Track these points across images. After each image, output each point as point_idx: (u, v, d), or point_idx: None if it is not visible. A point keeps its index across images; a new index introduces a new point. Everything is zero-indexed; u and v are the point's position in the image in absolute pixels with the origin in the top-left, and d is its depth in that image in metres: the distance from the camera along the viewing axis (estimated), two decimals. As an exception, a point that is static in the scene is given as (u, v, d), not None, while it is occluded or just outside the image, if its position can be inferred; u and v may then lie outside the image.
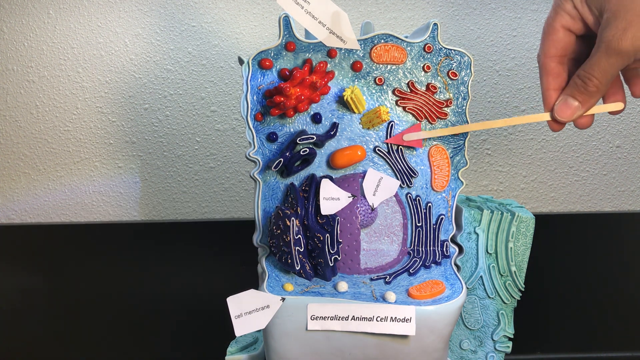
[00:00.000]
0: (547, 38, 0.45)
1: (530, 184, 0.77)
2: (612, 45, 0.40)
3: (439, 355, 0.47)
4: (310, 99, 0.47)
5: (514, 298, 0.52)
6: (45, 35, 0.72)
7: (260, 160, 0.48)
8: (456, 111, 0.49)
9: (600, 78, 0.41)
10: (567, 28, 0.44)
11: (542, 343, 0.76)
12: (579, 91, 0.43)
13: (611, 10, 0.40)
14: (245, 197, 0.77)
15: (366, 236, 0.49)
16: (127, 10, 0.72)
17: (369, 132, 0.48)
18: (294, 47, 0.46)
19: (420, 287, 0.47)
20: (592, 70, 0.41)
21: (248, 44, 0.73)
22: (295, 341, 0.46)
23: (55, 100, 0.73)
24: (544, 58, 0.45)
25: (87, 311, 0.75)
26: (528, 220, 0.50)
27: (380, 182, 0.48)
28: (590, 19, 0.43)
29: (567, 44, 0.45)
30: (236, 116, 0.74)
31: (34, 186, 0.76)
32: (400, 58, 0.47)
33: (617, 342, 0.76)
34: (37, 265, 0.74)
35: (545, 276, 0.73)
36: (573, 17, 0.44)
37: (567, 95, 0.44)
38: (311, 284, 0.47)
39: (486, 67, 0.74)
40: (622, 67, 0.41)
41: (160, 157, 0.75)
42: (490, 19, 0.73)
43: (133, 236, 0.74)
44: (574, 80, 0.43)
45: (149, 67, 0.73)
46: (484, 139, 0.75)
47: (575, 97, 0.43)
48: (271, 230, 0.47)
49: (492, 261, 0.51)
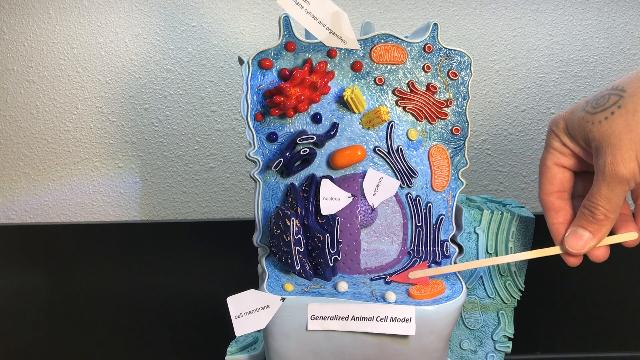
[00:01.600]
0: (542, 176, 0.45)
1: (530, 184, 0.77)
2: (607, 172, 0.39)
3: (439, 355, 0.47)
4: (310, 99, 0.47)
5: (514, 298, 0.52)
6: (45, 35, 0.72)
7: (260, 160, 0.48)
8: (456, 111, 0.49)
9: (605, 206, 0.41)
10: (560, 165, 0.45)
11: (542, 343, 0.76)
12: (588, 221, 0.42)
13: (596, 140, 0.40)
14: (245, 197, 0.77)
15: (366, 236, 0.49)
16: (127, 10, 0.72)
17: (369, 132, 0.48)
18: (294, 47, 0.46)
19: (420, 287, 0.47)
20: (596, 199, 0.41)
21: (248, 44, 0.73)
22: (295, 341, 0.46)
23: (55, 100, 0.73)
24: (542, 195, 0.45)
25: (87, 311, 0.75)
26: (528, 220, 0.50)
27: (380, 182, 0.48)
28: (581, 152, 0.43)
29: (563, 180, 0.45)
30: (236, 116, 0.74)
31: (34, 186, 0.76)
32: (400, 58, 0.47)
33: (617, 342, 0.76)
34: (37, 266, 0.73)
35: (545, 276, 0.73)
36: (564, 153, 0.44)
37: (577, 227, 0.43)
38: (311, 284, 0.47)
39: (486, 67, 0.74)
40: (626, 193, 0.41)
41: (160, 157, 0.75)
42: (490, 19, 0.73)
43: (133, 236, 0.74)
44: (581, 211, 0.43)
45: (149, 67, 0.73)
46: (484, 139, 0.75)
47: (585, 227, 0.42)
48: (271, 230, 0.47)
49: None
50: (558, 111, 0.75)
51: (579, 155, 0.44)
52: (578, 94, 0.75)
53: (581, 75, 0.75)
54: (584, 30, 0.74)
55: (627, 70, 0.75)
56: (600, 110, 0.40)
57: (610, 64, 0.74)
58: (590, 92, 0.75)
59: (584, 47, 0.74)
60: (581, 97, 0.75)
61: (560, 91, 0.75)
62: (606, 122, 0.39)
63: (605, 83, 0.75)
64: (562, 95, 0.75)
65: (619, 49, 0.74)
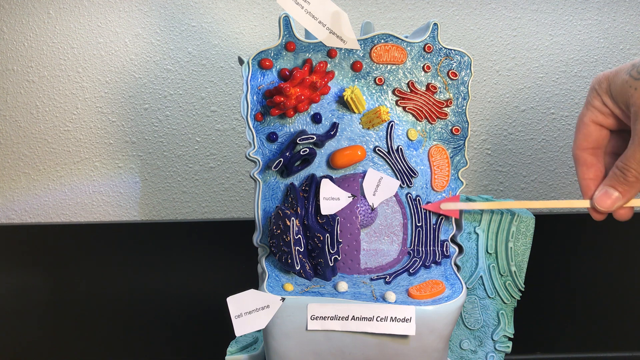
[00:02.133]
0: (579, 132, 0.46)
1: (530, 184, 0.77)
2: None
3: (439, 355, 0.47)
4: (310, 99, 0.47)
5: (514, 298, 0.52)
6: (45, 35, 0.72)
7: (260, 160, 0.48)
8: (456, 111, 0.49)
9: (638, 169, 0.42)
10: (598, 123, 0.45)
11: (542, 343, 0.76)
12: (619, 182, 0.43)
13: (636, 105, 0.40)
14: (245, 197, 0.77)
15: (366, 236, 0.49)
16: (127, 10, 0.72)
17: (369, 132, 0.48)
18: (294, 47, 0.46)
19: (420, 287, 0.47)
20: (629, 161, 0.42)
21: (248, 44, 0.73)
22: (295, 341, 0.46)
23: (55, 100, 0.73)
24: (576, 150, 0.46)
25: (87, 311, 0.75)
26: (528, 220, 0.50)
27: (380, 182, 0.48)
28: (620, 114, 0.44)
29: (599, 137, 0.45)
30: (236, 116, 0.74)
31: (34, 186, 0.76)
32: (400, 58, 0.47)
33: (617, 342, 0.76)
34: (37, 265, 0.73)
35: (545, 276, 0.73)
36: (603, 113, 0.45)
37: (607, 186, 0.44)
38: (311, 284, 0.47)
39: (486, 67, 0.74)
40: None
41: (160, 157, 0.75)
42: (490, 19, 0.73)
43: (133, 236, 0.74)
44: (613, 171, 0.43)
45: (149, 67, 0.73)
46: (484, 139, 0.75)
47: (615, 187, 0.43)
48: (271, 230, 0.47)
49: (492, 261, 0.51)
50: (558, 111, 0.75)
51: (618, 116, 0.44)
52: (578, 94, 0.75)
53: (581, 75, 0.74)
54: (584, 30, 0.74)
55: (627, 70, 0.74)
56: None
57: (610, 64, 0.74)
58: (590, 92, 0.75)
59: (584, 47, 0.74)
60: (581, 97, 0.75)
61: (560, 91, 0.75)
62: None
63: (605, 83, 0.75)
64: (562, 95, 0.75)
65: (619, 49, 0.74)
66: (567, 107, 0.75)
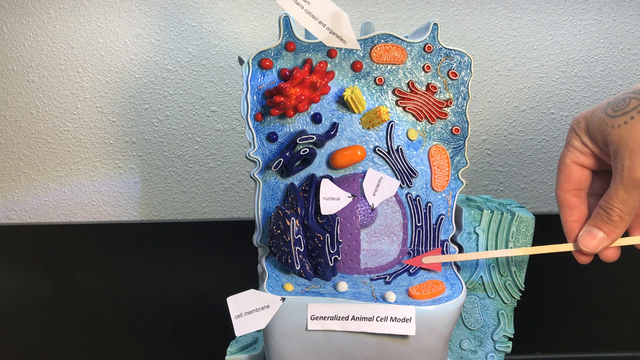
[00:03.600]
0: (560, 173, 0.46)
1: (530, 184, 0.77)
2: (625, 176, 0.39)
3: (439, 355, 0.47)
4: (310, 99, 0.47)
5: (514, 298, 0.52)
6: (45, 35, 0.72)
7: (260, 160, 0.48)
8: (456, 111, 0.49)
9: (622, 208, 0.41)
10: (579, 164, 0.45)
11: (542, 343, 0.76)
12: (603, 221, 0.42)
13: (614, 143, 0.40)
14: (245, 197, 0.77)
15: (366, 236, 0.49)
16: (127, 10, 0.72)
17: (369, 132, 0.48)
18: (294, 47, 0.46)
19: (420, 287, 0.47)
20: (612, 200, 0.41)
21: (248, 44, 0.73)
22: (295, 341, 0.46)
23: (55, 100, 0.73)
24: (559, 192, 0.46)
25: (87, 311, 0.75)
26: (528, 220, 0.50)
27: (380, 182, 0.48)
28: (600, 153, 0.43)
29: (580, 178, 0.45)
30: (236, 116, 0.74)
31: (34, 186, 0.76)
32: (401, 58, 0.47)
33: (617, 342, 0.76)
34: (37, 265, 0.73)
35: (545, 276, 0.73)
36: (583, 153, 0.44)
37: (592, 226, 0.43)
38: (311, 284, 0.47)
39: (486, 67, 0.74)
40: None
41: (160, 157, 0.75)
42: (490, 19, 0.73)
43: (133, 236, 0.74)
44: (597, 211, 0.43)
45: (149, 67, 0.73)
46: (484, 139, 0.75)
47: (600, 227, 0.43)
48: (271, 230, 0.47)
49: (492, 261, 0.51)
50: (558, 111, 0.75)
51: (598, 155, 0.44)
52: (578, 94, 0.75)
53: (581, 75, 0.75)
54: (584, 30, 0.74)
55: (627, 70, 0.75)
56: (620, 114, 0.40)
57: (610, 64, 0.74)
58: (591, 92, 0.75)
59: (584, 47, 0.74)
60: (581, 97, 0.75)
61: (560, 91, 0.75)
62: (625, 126, 0.39)
63: (605, 83, 0.75)
64: (562, 95, 0.75)
65: (619, 49, 0.74)
66: (567, 107, 0.75)
